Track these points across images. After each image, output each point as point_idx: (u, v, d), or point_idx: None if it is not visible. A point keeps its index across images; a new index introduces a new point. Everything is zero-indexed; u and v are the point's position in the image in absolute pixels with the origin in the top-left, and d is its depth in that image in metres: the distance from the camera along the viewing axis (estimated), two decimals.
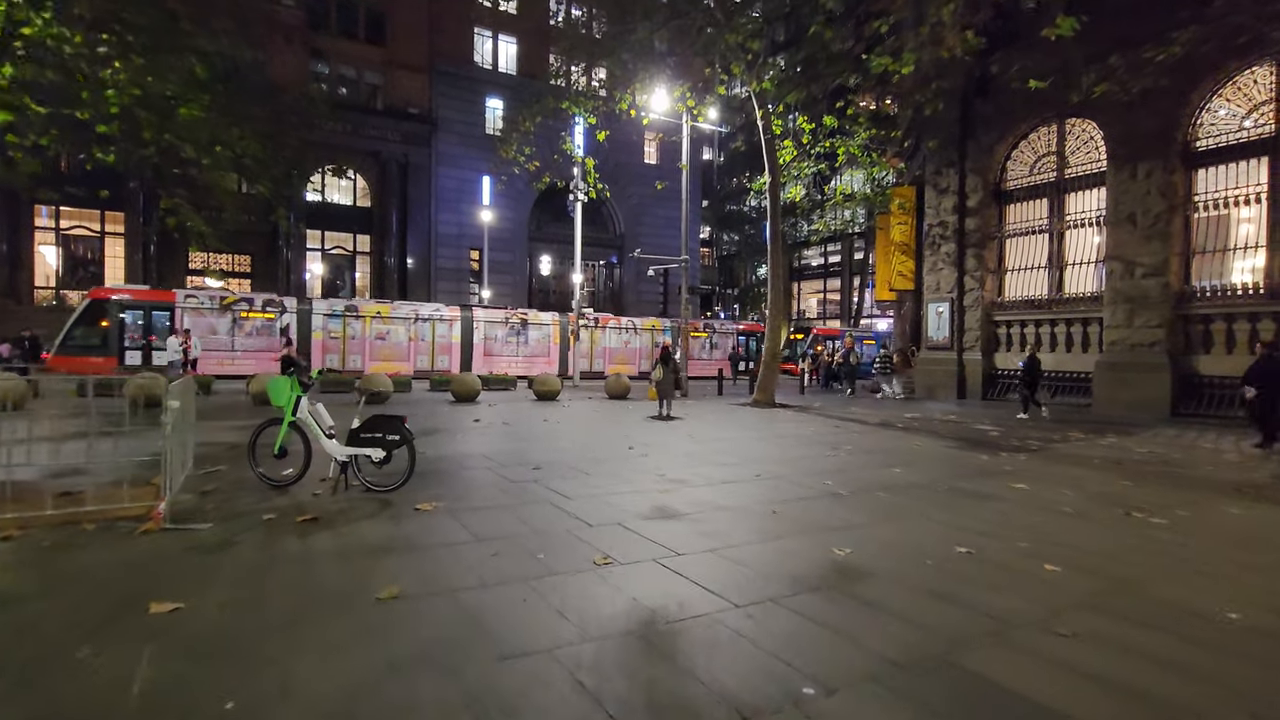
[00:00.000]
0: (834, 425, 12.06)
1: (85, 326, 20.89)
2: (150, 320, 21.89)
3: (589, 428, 10.89)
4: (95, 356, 20.42)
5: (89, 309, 21.03)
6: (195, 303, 22.35)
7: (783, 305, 16.03)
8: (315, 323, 23.85)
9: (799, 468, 7.47)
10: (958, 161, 18.07)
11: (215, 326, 22.23)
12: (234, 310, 22.67)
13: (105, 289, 22.25)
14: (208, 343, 21.49)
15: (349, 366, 23.47)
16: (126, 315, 21.59)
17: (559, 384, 16.54)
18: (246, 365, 21.58)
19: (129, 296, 21.81)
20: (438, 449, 8.10)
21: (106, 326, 21.12)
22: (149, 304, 21.91)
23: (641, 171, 41.41)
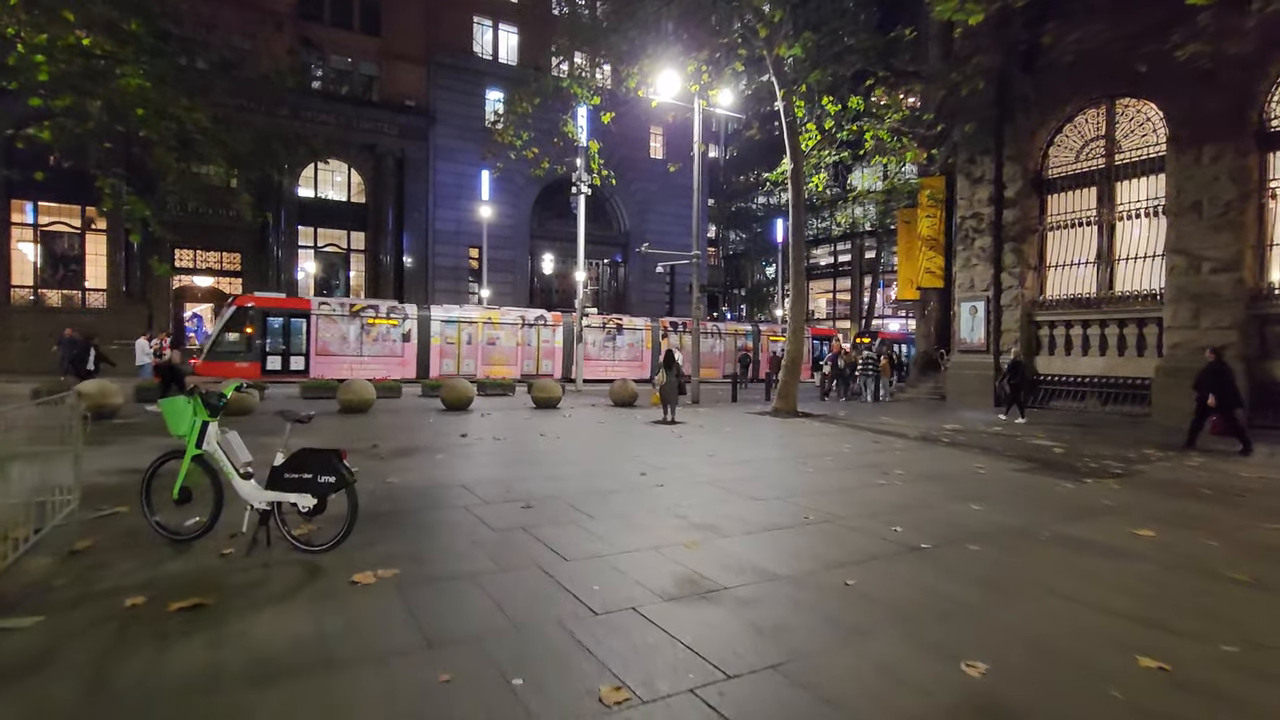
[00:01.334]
0: (871, 440, 10.59)
1: (230, 333, 21.63)
2: (288, 327, 22.54)
3: (592, 445, 9.45)
4: (240, 362, 21.28)
5: (234, 316, 21.74)
6: (328, 310, 23.13)
7: (805, 305, 14.55)
8: (434, 329, 24.55)
9: (852, 503, 6.02)
10: (994, 148, 16.58)
11: (345, 333, 23.03)
12: (361, 317, 23.40)
13: (248, 296, 22.85)
14: (339, 348, 22.79)
15: (463, 371, 23.99)
16: (268, 322, 22.28)
17: (559, 390, 15.12)
18: (371, 370, 22.34)
19: (269, 304, 22.56)
20: (408, 476, 6.67)
21: (251, 333, 21.78)
22: (287, 311, 22.72)
23: (647, 166, 39.99)
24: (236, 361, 21.29)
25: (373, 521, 4.96)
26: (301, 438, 8.96)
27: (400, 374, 23.11)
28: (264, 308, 22.31)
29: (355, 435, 9.68)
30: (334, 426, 10.66)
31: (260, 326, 22.15)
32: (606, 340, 28.49)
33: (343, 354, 22.97)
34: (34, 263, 26.49)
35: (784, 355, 14.73)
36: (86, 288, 27.28)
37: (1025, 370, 14.11)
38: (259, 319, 22.12)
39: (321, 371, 22.20)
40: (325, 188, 31.84)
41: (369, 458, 7.69)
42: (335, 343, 22.87)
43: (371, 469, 6.99)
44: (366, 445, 8.58)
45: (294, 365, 22.30)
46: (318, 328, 22.69)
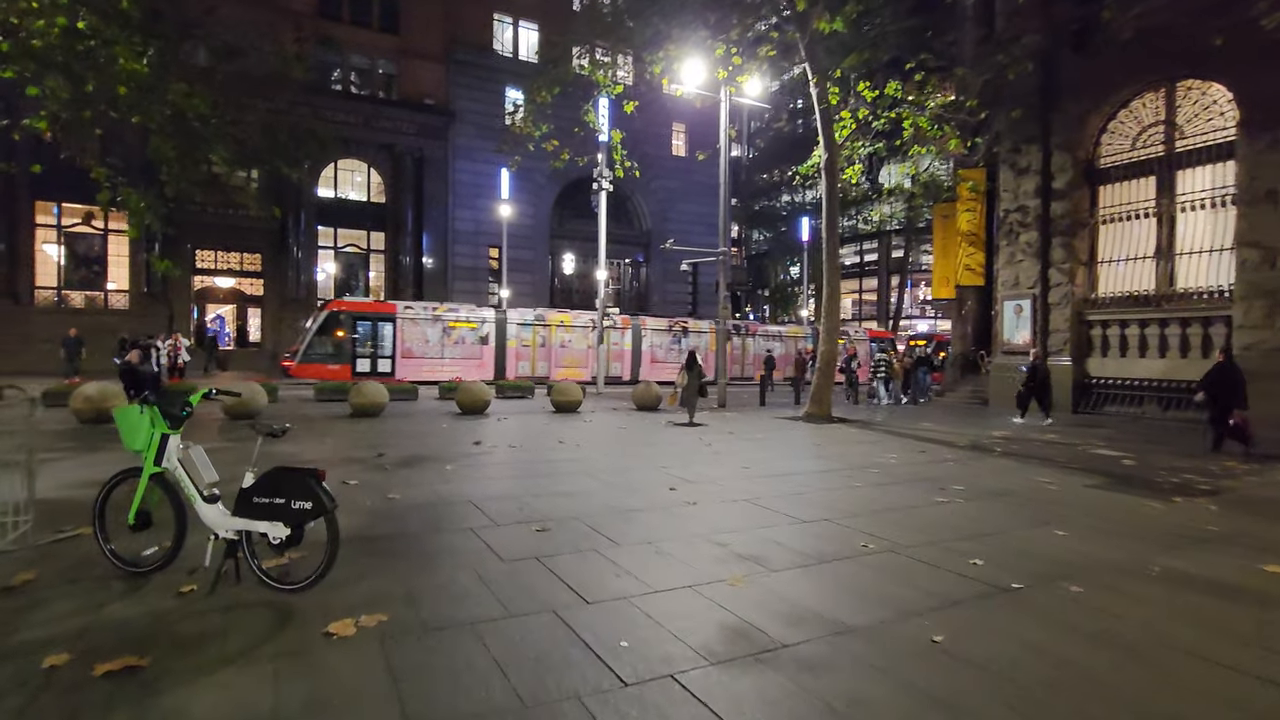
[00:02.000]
0: (917, 449, 9.74)
1: (323, 337, 22.33)
2: (375, 331, 23.17)
3: (615, 454, 8.75)
4: (331, 365, 21.99)
5: (327, 321, 22.37)
6: (411, 314, 23.65)
7: (839, 304, 13.73)
8: (510, 332, 25.06)
9: (914, 526, 5.24)
10: (1040, 137, 15.58)
11: (427, 336, 23.55)
12: (442, 320, 24.02)
13: (339, 302, 23.74)
14: (422, 350, 23.35)
15: (538, 373, 24.32)
16: (358, 326, 22.94)
17: (580, 394, 14.46)
18: (451, 371, 23.02)
19: (358, 309, 23.40)
20: (413, 490, 6.03)
21: (342, 337, 22.50)
22: (374, 315, 23.36)
23: (669, 164, 39.30)
24: (328, 364, 21.97)
25: (366, 547, 4.31)
26: (307, 445, 8.43)
27: (479, 375, 23.49)
28: (353, 312, 22.99)
29: (362, 442, 9.09)
30: (341, 432, 10.10)
31: (350, 330, 22.75)
32: (672, 343, 28.50)
33: (425, 356, 23.48)
34: (58, 263, 26.57)
35: (817, 357, 13.89)
36: (109, 288, 27.32)
37: (1044, 373, 13.95)
38: (349, 323, 22.72)
39: (406, 373, 22.78)
40: (345, 188, 31.63)
41: (372, 468, 7.07)
42: (418, 345, 23.42)
43: (373, 482, 6.36)
44: (372, 454, 7.98)
45: (381, 368, 22.88)
46: (402, 331, 23.25)
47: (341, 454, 7.98)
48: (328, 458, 7.65)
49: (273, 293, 29.75)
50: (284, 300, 29.44)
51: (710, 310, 41.55)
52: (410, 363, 23.34)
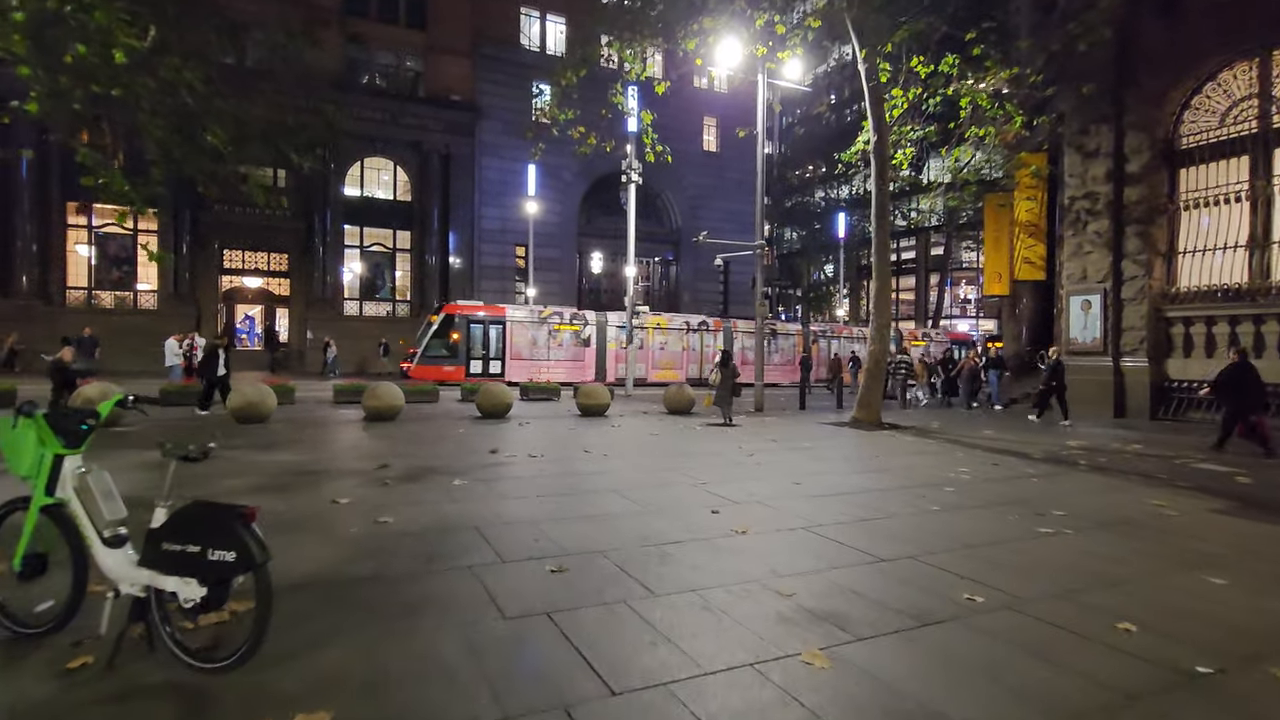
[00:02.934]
0: (988, 461, 8.56)
1: (440, 339, 22.94)
2: (487, 333, 23.79)
3: (647, 465, 7.77)
4: (447, 366, 22.53)
5: (443, 323, 23.02)
6: (520, 317, 24.31)
7: (889, 299, 12.55)
8: (609, 334, 25.46)
9: (1024, 569, 4.15)
10: (1113, 116, 14.16)
11: (535, 338, 24.09)
12: (548, 323, 24.67)
13: (454, 305, 24.36)
14: (529, 352, 23.87)
15: (635, 374, 24.02)
16: (471, 329, 23.52)
17: (608, 396, 13.52)
18: (556, 373, 23.42)
19: (472, 312, 24.02)
20: (411, 512, 5.13)
21: (457, 340, 23.04)
22: (486, 318, 23.91)
23: (700, 160, 38.25)
24: (444, 365, 22.52)
25: (333, 595, 3.41)
26: (308, 453, 7.62)
27: (581, 377, 24.07)
28: (467, 314, 23.59)
29: (368, 450, 8.28)
30: (350, 438, 9.32)
31: (465, 332, 23.27)
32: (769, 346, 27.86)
33: (533, 358, 23.98)
34: (89, 263, 26.63)
35: (866, 357, 12.74)
36: (138, 289, 27.32)
37: (1065, 373, 13.75)
38: (464, 325, 23.28)
39: (515, 374, 23.10)
40: (371, 186, 31.28)
41: (371, 482, 6.20)
42: (527, 347, 24.02)
43: (368, 500, 5.49)
44: (374, 465, 7.12)
45: (493, 369, 23.33)
46: (512, 334, 23.84)
47: (342, 464, 7.15)
48: (325, 469, 6.83)
49: (299, 293, 29.51)
50: (310, 300, 29.18)
51: (742, 310, 40.32)
52: (519, 364, 23.77)
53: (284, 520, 4.74)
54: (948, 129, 15.17)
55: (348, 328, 29.41)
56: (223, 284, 29.07)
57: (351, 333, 29.06)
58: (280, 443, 8.64)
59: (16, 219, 24.64)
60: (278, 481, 6.14)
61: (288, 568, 3.65)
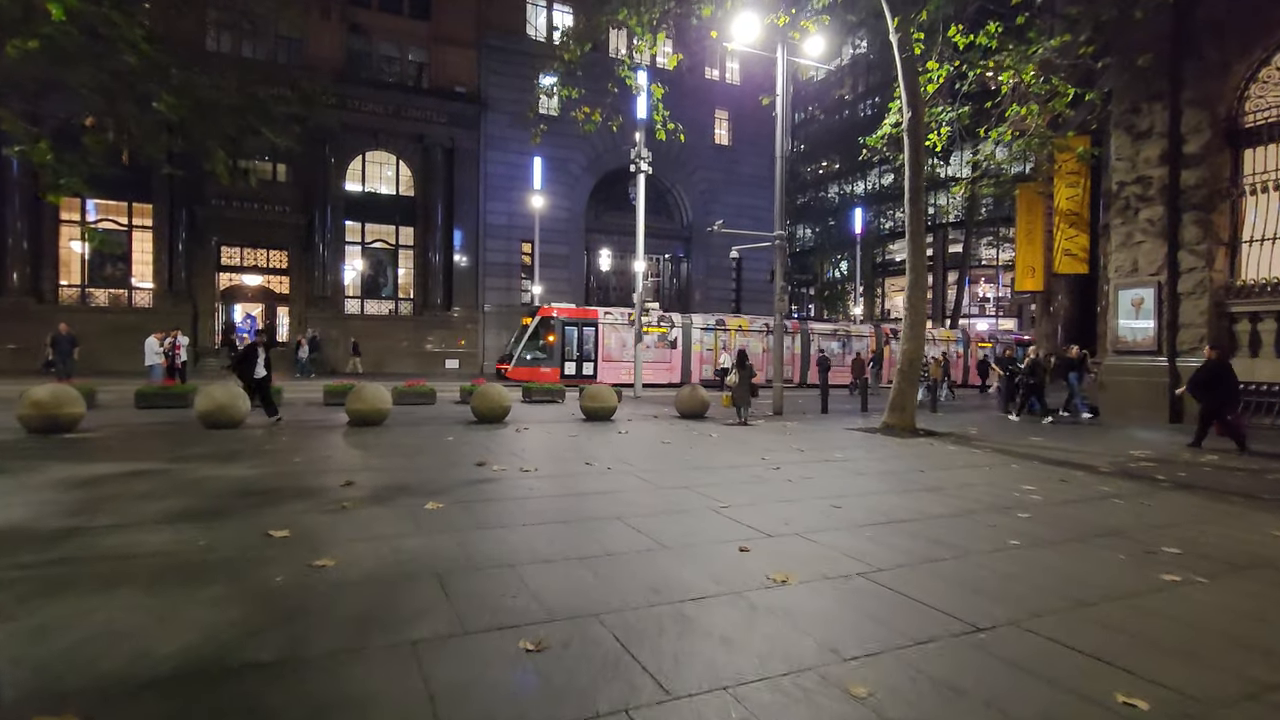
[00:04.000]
0: (1055, 476, 7.40)
1: (536, 341, 23.38)
2: (581, 336, 24.12)
3: (659, 481, 6.67)
4: (544, 368, 22.91)
5: (539, 325, 23.45)
6: (611, 319, 24.62)
7: (925, 293, 11.41)
8: (694, 336, 25.70)
9: (1176, 645, 3.02)
10: (1168, 92, 12.93)
11: (625, 340, 24.08)
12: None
13: (549, 308, 24.53)
14: (619, 354, 23.80)
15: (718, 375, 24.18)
16: (566, 331, 23.89)
17: (614, 399, 12.45)
18: (645, 375, 22.44)
19: (567, 315, 24.34)
20: (359, 551, 4.06)
21: (553, 342, 23.42)
22: (580, 320, 24.27)
23: (712, 154, 37.08)
24: (540, 367, 22.95)
25: (201, 701, 2.34)
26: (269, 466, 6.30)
27: (668, 378, 24.31)
28: (562, 317, 23.91)
29: (338, 462, 7.24)
30: (324, 447, 8.30)
31: (560, 335, 23.70)
32: (838, 347, 28.36)
33: (623, 360, 23.87)
34: (82, 260, 25.87)
35: (900, 357, 11.57)
36: (134, 286, 26.55)
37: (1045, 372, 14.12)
38: (559, 328, 23.65)
39: (606, 376, 23.21)
40: (373, 181, 30.38)
41: (326, 507, 5.15)
42: (617, 349, 24.12)
43: (312, 532, 4.43)
44: (339, 482, 6.08)
45: (585, 370, 23.58)
46: (604, 336, 24.09)
47: (301, 481, 6.11)
48: (279, 487, 5.80)
49: (299, 291, 28.65)
50: (309, 299, 28.31)
51: (756, 308, 39.13)
52: (609, 365, 23.93)
53: (188, 565, 3.69)
54: (983, 109, 13.99)
55: (349, 327, 28.53)
56: (220, 281, 28.24)
57: (354, 332, 28.18)
58: (244, 453, 7.62)
59: (7, 214, 23.94)
60: (213, 505, 5.11)
61: (149, 647, 2.60)
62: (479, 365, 29.95)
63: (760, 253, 40.17)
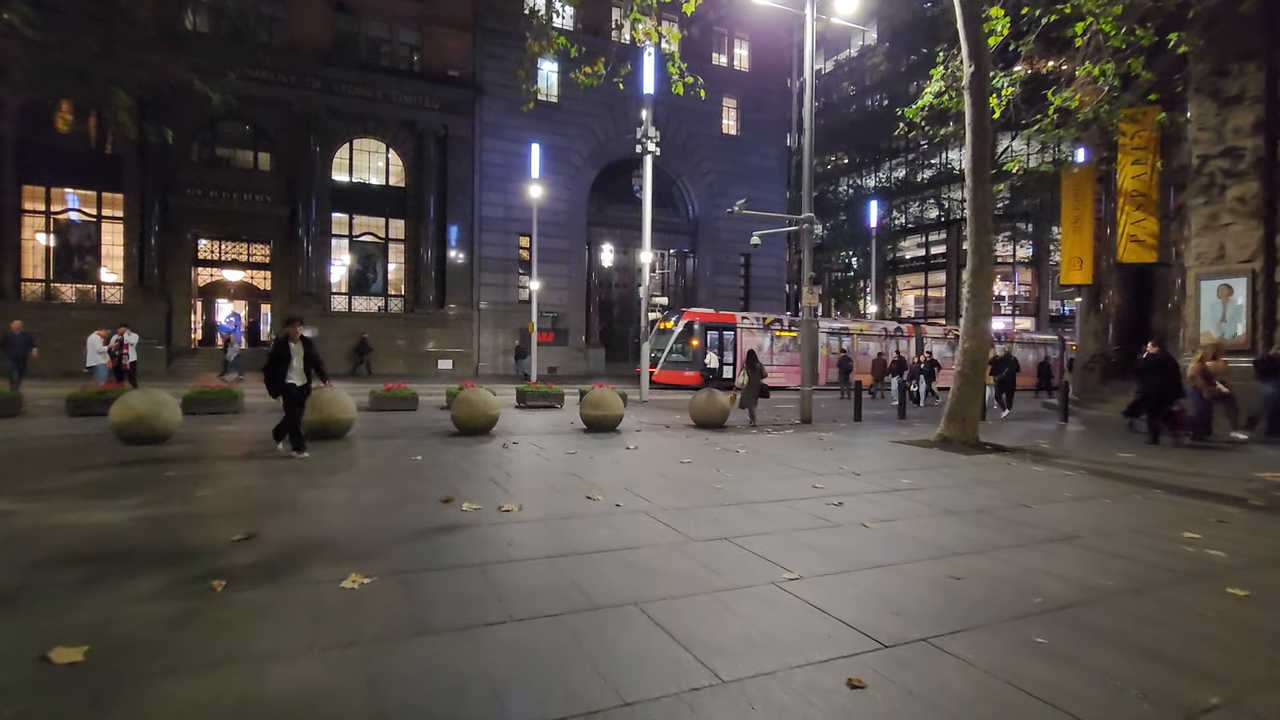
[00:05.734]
0: (1209, 515, 5.57)
1: (681, 344, 23.87)
2: (721, 339, 24.38)
3: (689, 531, 4.86)
4: (687, 371, 23.45)
5: (684, 330, 23.90)
6: (748, 324, 25.04)
7: (990, 282, 9.60)
8: (819, 339, 25.22)
9: None
10: (1263, 48, 11.13)
11: (760, 344, 24.26)
12: (771, 329, 25.62)
13: (693, 312, 25.11)
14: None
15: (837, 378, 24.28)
16: (708, 335, 24.20)
17: (620, 407, 10.64)
18: (777, 378, 23.00)
19: (709, 319, 24.71)
20: (183, 705, 2.28)
21: (696, 345, 23.81)
22: (720, 325, 24.61)
23: (719, 144, 35.27)
24: (684, 370, 23.42)
25: None
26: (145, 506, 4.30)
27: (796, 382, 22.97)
28: (704, 321, 24.28)
29: (253, 498, 5.44)
30: (244, 474, 6.51)
31: (703, 339, 23.99)
32: (948, 351, 27.61)
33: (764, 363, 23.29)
34: (46, 251, 24.09)
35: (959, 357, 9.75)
36: (103, 281, 24.79)
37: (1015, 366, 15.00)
38: (702, 332, 23.92)
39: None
40: (361, 170, 28.59)
41: (186, 588, 3.34)
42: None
43: (116, 656, 2.62)
44: (237, 533, 4.28)
45: (726, 374, 23.41)
46: (742, 339, 24.14)
47: (180, 534, 4.32)
48: (143, 544, 4.01)
49: (281, 287, 26.85)
50: (294, 295, 26.51)
51: (764, 306, 37.32)
52: None
53: None
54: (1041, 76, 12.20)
55: (336, 324, 26.77)
56: (197, 276, 26.49)
57: (343, 330, 26.42)
58: (136, 482, 5.84)
59: None
60: (16, 582, 3.32)
61: None
62: (474, 366, 28.15)
63: (769, 249, 38.39)
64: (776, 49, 38.68)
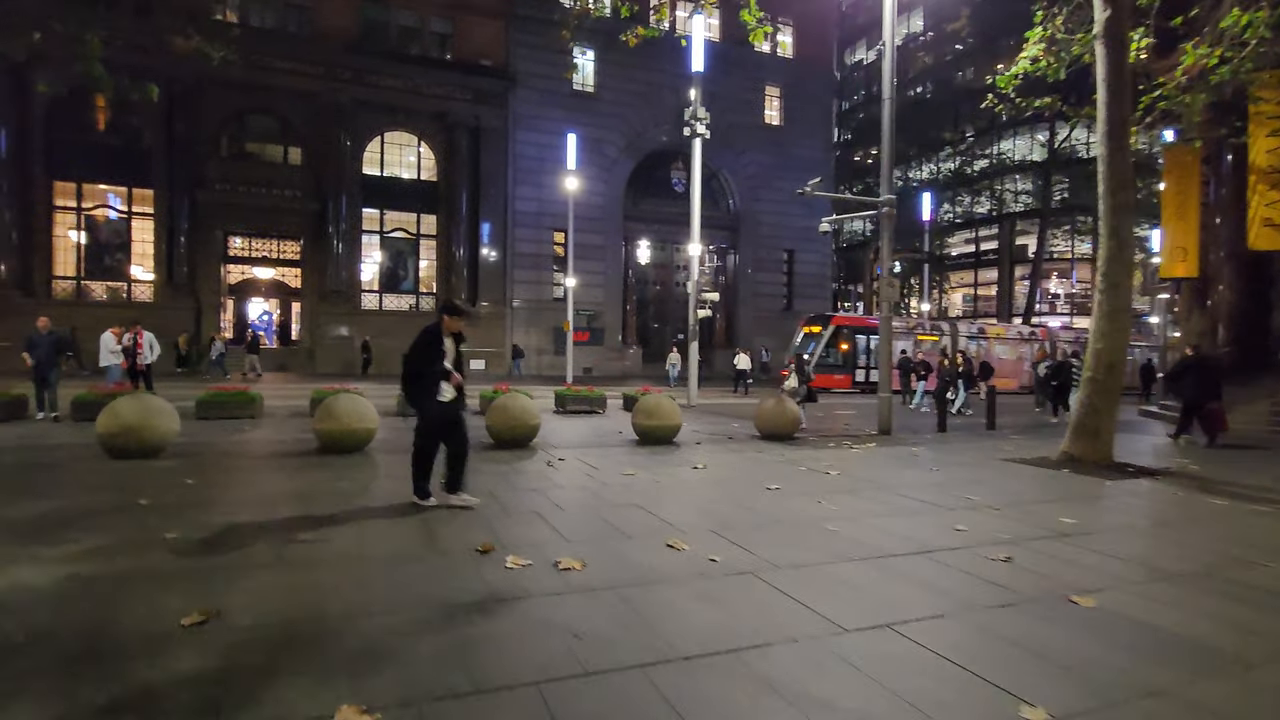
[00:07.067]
0: None
1: (830, 349, 24.29)
2: (868, 343, 24.38)
3: (820, 605, 3.46)
4: (837, 375, 23.90)
5: (834, 334, 24.31)
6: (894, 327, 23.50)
7: (1129, 269, 7.96)
8: (960, 343, 25.27)
9: None
10: None
11: (904, 348, 23.66)
12: (914, 334, 25.51)
13: (840, 316, 25.84)
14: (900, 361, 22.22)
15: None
16: (857, 339, 24.62)
17: (677, 416, 9.25)
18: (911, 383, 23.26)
19: (854, 323, 25.26)
20: None
21: (846, 350, 24.27)
22: (866, 329, 24.73)
23: (761, 135, 33.63)
24: (835, 374, 23.88)
25: None
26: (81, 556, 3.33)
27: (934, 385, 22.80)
28: (851, 326, 24.77)
29: (234, 543, 4.17)
30: (244, 498, 5.28)
31: (852, 343, 24.45)
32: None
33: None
34: (78, 248, 23.68)
35: (1090, 359, 8.11)
36: (132, 278, 24.31)
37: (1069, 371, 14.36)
38: (850, 336, 24.33)
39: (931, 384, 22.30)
40: (392, 164, 27.72)
41: None
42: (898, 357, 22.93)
43: None
44: (195, 612, 2.99)
45: (872, 378, 23.08)
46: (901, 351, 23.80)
47: (116, 609, 3.07)
48: (48, 631, 2.76)
49: (311, 284, 26.10)
50: (323, 293, 25.75)
51: (810, 304, 35.56)
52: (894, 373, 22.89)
53: None
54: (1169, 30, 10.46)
55: (366, 323, 25.95)
56: (227, 274, 25.87)
57: (372, 329, 25.59)
58: (95, 515, 4.65)
59: None
60: None
61: None
62: (507, 366, 27.06)
63: (813, 244, 36.58)
64: (821, 34, 36.84)
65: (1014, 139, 44.36)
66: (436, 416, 5.09)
